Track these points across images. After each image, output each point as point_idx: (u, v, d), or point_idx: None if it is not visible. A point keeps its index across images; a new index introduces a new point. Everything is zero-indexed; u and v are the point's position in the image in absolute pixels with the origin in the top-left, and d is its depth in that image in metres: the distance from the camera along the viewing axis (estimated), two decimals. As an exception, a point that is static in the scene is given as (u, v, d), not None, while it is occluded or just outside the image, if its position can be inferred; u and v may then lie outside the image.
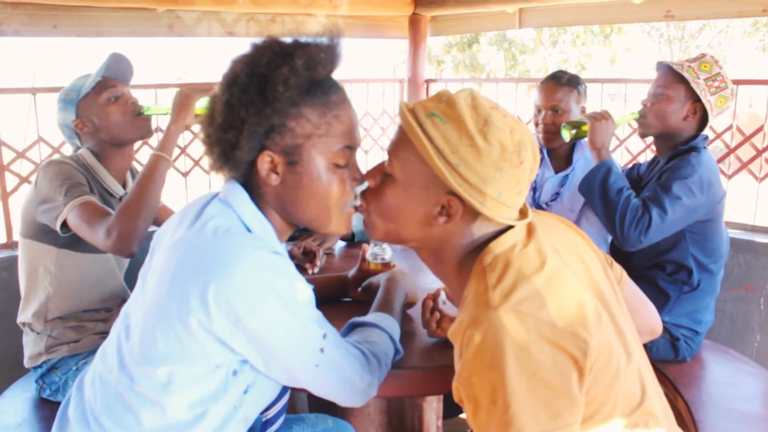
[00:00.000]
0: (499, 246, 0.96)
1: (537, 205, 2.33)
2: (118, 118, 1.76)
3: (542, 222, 1.06)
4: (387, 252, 1.58)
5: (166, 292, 0.96)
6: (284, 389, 1.16)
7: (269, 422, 1.17)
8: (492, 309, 0.86)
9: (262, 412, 1.15)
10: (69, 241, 1.68)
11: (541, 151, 2.34)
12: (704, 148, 1.93)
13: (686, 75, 1.88)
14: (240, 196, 1.04)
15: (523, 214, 1.03)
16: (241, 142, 0.97)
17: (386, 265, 1.56)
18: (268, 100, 0.95)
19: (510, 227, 0.99)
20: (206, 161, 1.06)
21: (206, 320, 0.93)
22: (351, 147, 1.04)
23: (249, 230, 1.03)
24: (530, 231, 1.01)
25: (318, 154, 1.01)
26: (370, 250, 1.58)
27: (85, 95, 1.74)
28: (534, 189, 2.33)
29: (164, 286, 0.97)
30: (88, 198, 1.60)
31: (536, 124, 2.25)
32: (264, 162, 1.00)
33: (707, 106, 1.88)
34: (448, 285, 1.08)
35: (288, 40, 1.00)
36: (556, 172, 2.29)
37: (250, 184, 1.05)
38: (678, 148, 1.93)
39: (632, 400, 0.95)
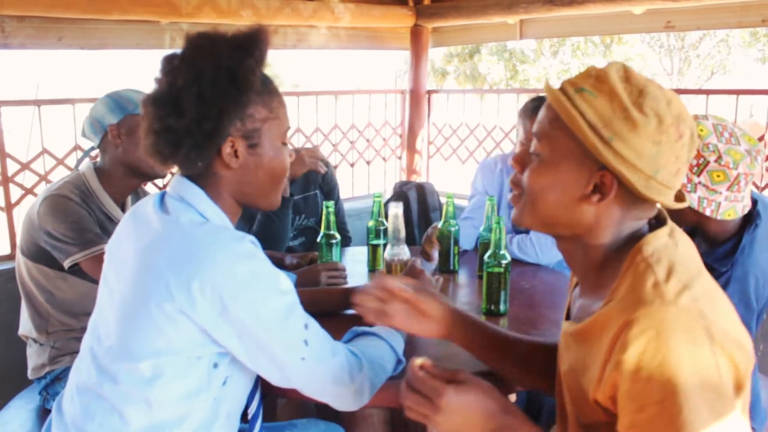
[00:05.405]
0: (656, 239, 0.89)
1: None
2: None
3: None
4: (405, 252, 1.60)
5: (146, 286, 0.98)
6: (256, 382, 1.17)
7: (254, 417, 1.19)
8: (668, 304, 0.80)
9: (244, 411, 1.16)
10: (69, 269, 1.67)
11: None
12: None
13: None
14: (193, 190, 1.07)
15: (678, 199, 0.94)
16: (219, 130, 1.03)
17: (405, 264, 1.58)
18: (242, 89, 1.03)
19: (658, 225, 0.94)
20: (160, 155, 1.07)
21: (190, 310, 0.95)
22: (289, 127, 1.16)
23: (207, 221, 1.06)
24: (672, 232, 0.93)
25: (272, 136, 1.11)
26: (389, 251, 1.60)
27: (138, 114, 1.71)
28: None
29: (144, 282, 0.99)
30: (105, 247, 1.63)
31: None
32: (227, 147, 1.06)
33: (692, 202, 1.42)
34: (586, 279, 1.00)
35: (226, 33, 1.05)
36: None
37: (203, 174, 1.08)
38: None
39: None
